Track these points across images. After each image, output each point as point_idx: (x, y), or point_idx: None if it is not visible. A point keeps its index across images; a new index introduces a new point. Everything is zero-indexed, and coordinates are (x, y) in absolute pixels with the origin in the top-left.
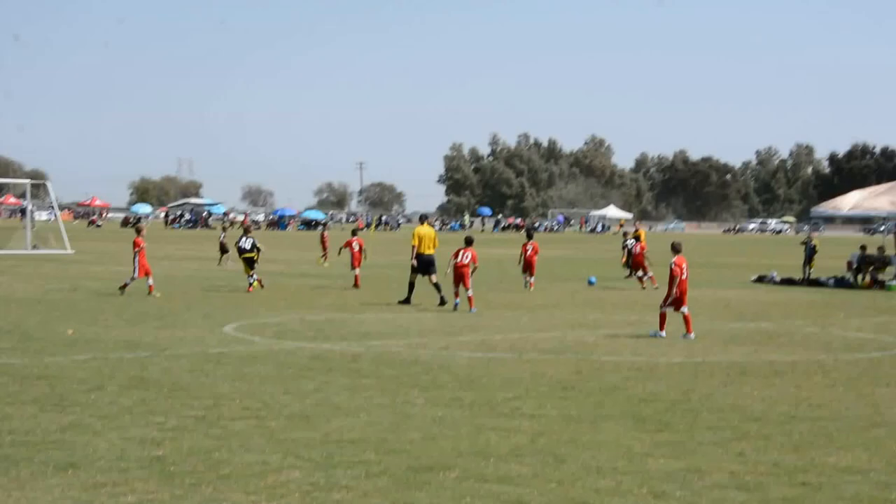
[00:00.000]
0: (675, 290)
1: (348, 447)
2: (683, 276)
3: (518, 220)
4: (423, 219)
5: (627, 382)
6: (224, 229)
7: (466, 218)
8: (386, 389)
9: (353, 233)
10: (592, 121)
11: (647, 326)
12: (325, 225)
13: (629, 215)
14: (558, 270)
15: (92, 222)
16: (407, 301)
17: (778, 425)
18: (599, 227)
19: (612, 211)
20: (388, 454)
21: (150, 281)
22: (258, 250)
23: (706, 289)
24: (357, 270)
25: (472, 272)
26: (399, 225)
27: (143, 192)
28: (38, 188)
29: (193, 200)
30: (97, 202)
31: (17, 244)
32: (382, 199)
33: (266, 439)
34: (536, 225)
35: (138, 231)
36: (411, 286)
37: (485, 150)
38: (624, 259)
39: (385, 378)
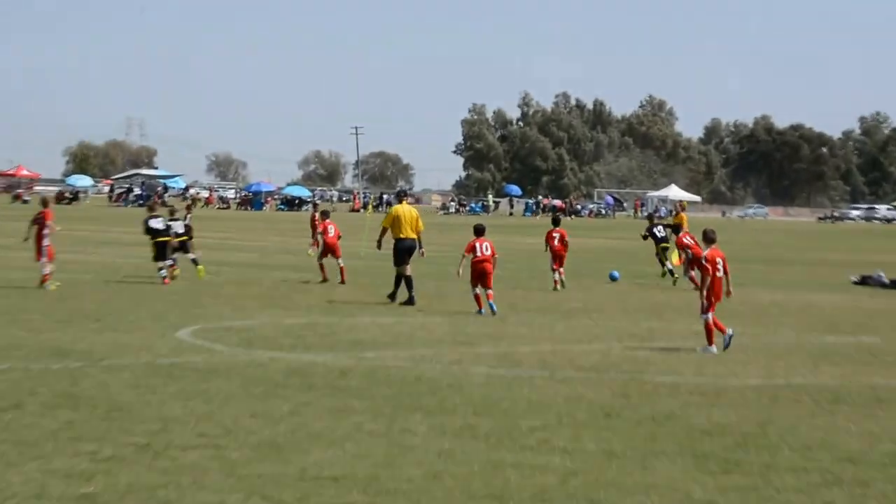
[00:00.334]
0: (710, 292)
1: (329, 486)
2: (718, 274)
3: (556, 202)
4: (401, 195)
5: (687, 410)
6: (188, 209)
7: (490, 198)
8: (380, 414)
9: (325, 215)
10: (650, 78)
11: (717, 339)
12: (315, 205)
13: (696, 198)
14: (604, 265)
15: (17, 197)
16: (410, 301)
17: (880, 468)
18: (661, 212)
19: (675, 191)
20: (379, 496)
21: (48, 269)
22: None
23: (793, 292)
24: (341, 261)
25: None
26: None
27: (82, 160)
28: None
29: (145, 171)
30: (24, 172)
31: None
32: (384, 174)
33: (226, 474)
34: (578, 208)
35: (45, 203)
36: (407, 282)
37: (513, 113)
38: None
39: (380, 399)
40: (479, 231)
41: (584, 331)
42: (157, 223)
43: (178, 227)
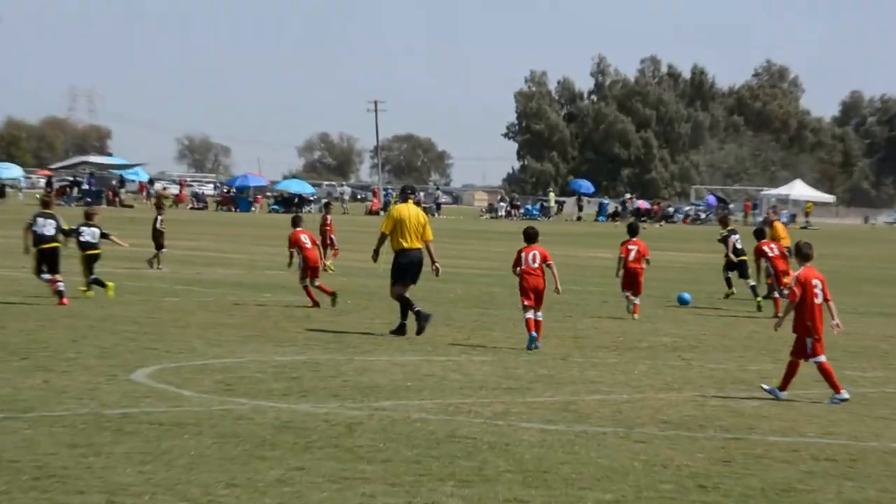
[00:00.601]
0: (811, 325)
1: None
2: (817, 301)
3: (641, 202)
4: (405, 193)
5: (811, 480)
6: (158, 207)
7: (552, 197)
8: (399, 483)
9: (296, 222)
10: (767, 38)
11: (846, 383)
12: (328, 205)
13: (828, 197)
14: (702, 287)
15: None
16: (400, 329)
17: None
18: (783, 217)
19: (799, 188)
20: None
21: None
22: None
23: None
24: (317, 280)
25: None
26: (439, 207)
27: (10, 143)
28: None
29: (95, 159)
30: None
31: None
32: (412, 164)
33: None
34: (671, 210)
35: None
36: (403, 304)
37: (584, 83)
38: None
39: (398, 463)
40: (529, 236)
41: (673, 374)
42: (43, 226)
43: (91, 234)
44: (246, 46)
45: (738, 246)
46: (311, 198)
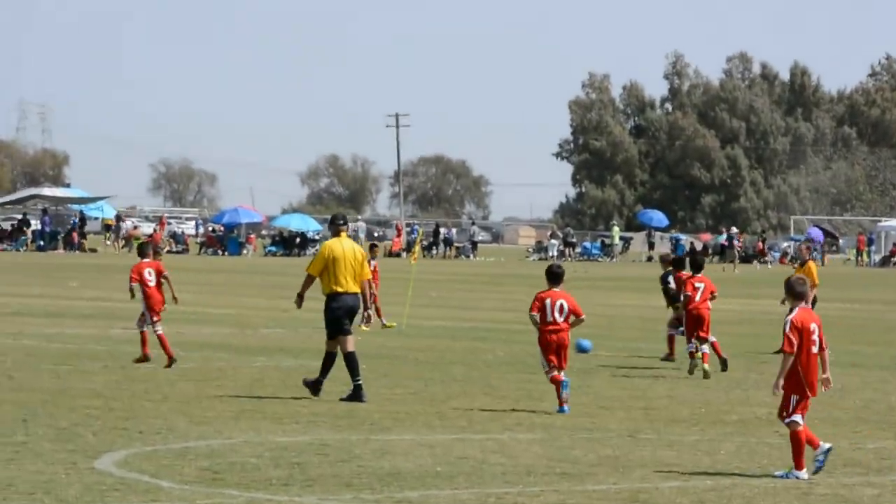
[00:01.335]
0: (798, 379)
1: None
2: (814, 350)
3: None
4: (337, 225)
5: None
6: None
7: (616, 233)
8: None
9: (143, 252)
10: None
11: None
12: (372, 248)
13: None
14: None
15: None
16: (356, 394)
17: None
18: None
19: None
20: None
21: None
22: None
23: None
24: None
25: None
26: (475, 246)
27: None
28: None
29: (50, 192)
30: None
31: None
32: (442, 192)
33: None
34: (766, 247)
35: None
36: (348, 362)
37: (656, 88)
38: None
39: None
40: (554, 277)
41: (769, 455)
42: None
43: None
44: (235, 50)
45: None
46: (317, 237)
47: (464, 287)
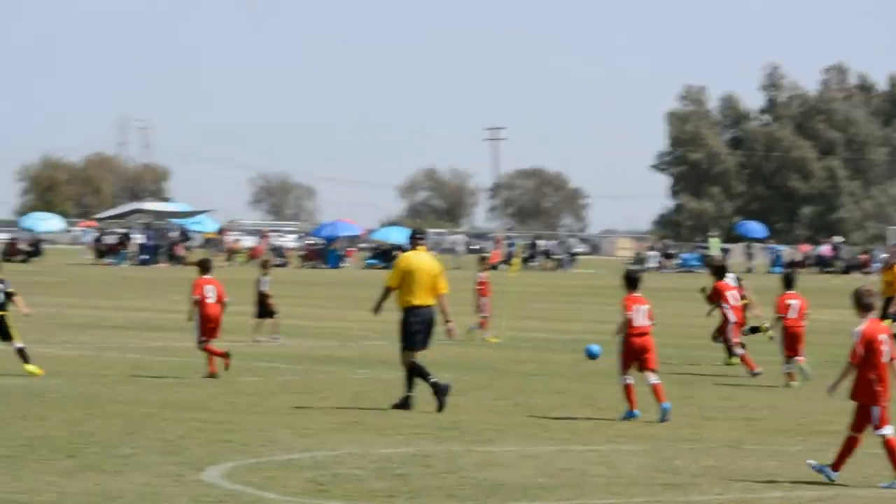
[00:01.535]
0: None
1: None
2: (883, 359)
3: (825, 248)
4: (415, 239)
5: None
6: (264, 267)
7: (714, 244)
8: None
9: (204, 268)
10: None
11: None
12: (481, 260)
13: None
14: None
15: None
16: (405, 404)
17: None
18: None
19: None
20: None
21: None
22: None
23: None
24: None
25: None
26: (573, 258)
27: (47, 188)
28: None
29: (151, 206)
30: None
31: None
32: (540, 205)
33: None
34: (865, 258)
35: None
36: (413, 372)
37: (753, 100)
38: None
39: None
40: (632, 282)
41: (875, 466)
42: None
43: None
44: (334, 65)
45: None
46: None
47: (563, 299)
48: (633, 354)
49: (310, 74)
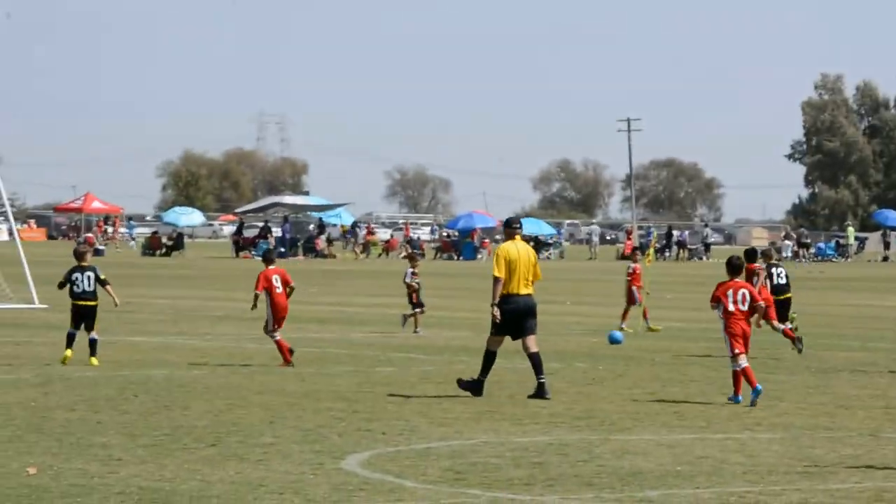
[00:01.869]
0: None
1: None
2: None
3: None
4: (510, 228)
5: None
6: (412, 260)
7: (850, 233)
8: None
9: (268, 259)
10: None
11: None
12: (634, 252)
13: None
14: None
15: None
16: (477, 387)
17: None
18: None
19: None
20: None
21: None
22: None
23: None
24: (278, 335)
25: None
26: (708, 247)
27: (188, 183)
28: None
29: (290, 200)
30: (95, 204)
31: None
32: (674, 195)
33: None
34: None
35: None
36: (535, 362)
37: (891, 88)
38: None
39: None
40: (734, 268)
41: None
42: (81, 279)
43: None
44: (467, 58)
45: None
46: (550, 240)
47: (697, 289)
48: (737, 336)
49: (445, 68)
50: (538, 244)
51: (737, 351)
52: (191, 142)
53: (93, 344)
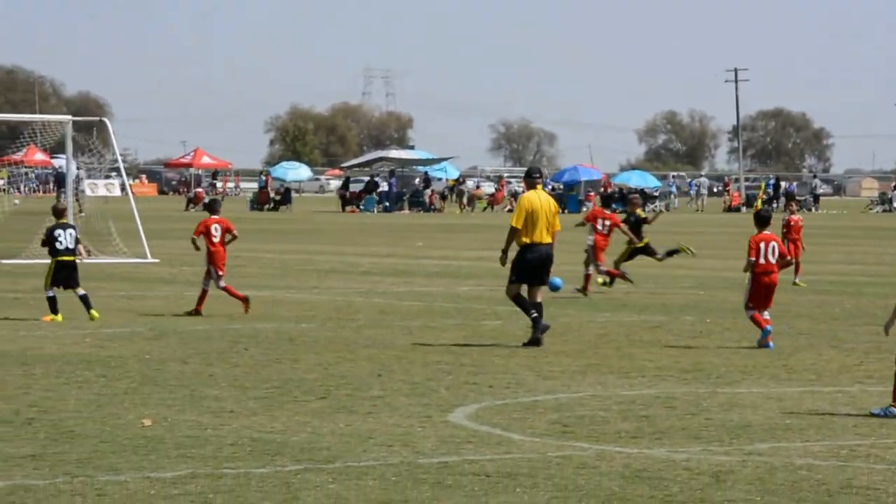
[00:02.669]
0: None
1: None
2: None
3: None
4: (530, 178)
5: None
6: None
7: None
8: None
9: (212, 208)
10: None
11: None
12: (788, 203)
13: None
14: None
15: (195, 200)
16: (536, 328)
17: None
18: None
19: None
20: None
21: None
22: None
23: None
24: (222, 283)
25: None
26: (816, 199)
27: (295, 138)
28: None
29: (395, 154)
30: (205, 160)
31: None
32: (782, 146)
33: None
34: None
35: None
36: (519, 301)
37: None
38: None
39: None
40: (762, 220)
41: None
42: (63, 236)
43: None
44: (569, 8)
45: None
46: (655, 193)
47: (806, 240)
48: (762, 292)
49: (548, 20)
50: (644, 197)
51: (751, 305)
52: (298, 96)
53: (85, 299)
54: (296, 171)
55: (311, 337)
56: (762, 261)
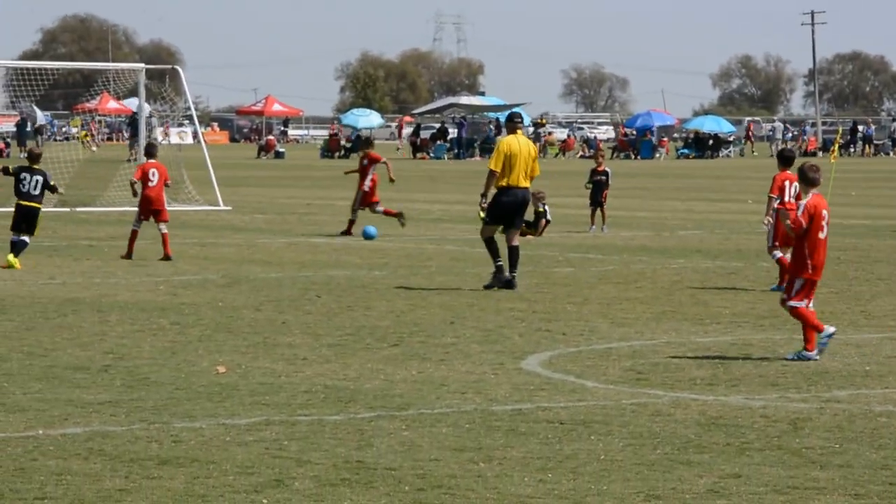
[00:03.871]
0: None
1: None
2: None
3: None
4: (511, 122)
5: None
6: (597, 159)
7: None
8: (864, 493)
9: (150, 152)
10: None
11: None
12: None
13: None
14: None
15: (267, 147)
16: (499, 275)
17: None
18: None
19: None
20: None
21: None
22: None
23: None
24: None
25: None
26: (895, 143)
27: (366, 85)
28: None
29: (466, 100)
30: (276, 107)
31: (120, 193)
32: (860, 90)
33: None
34: None
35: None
36: (490, 245)
37: None
38: None
39: (861, 469)
40: (785, 159)
41: None
42: (28, 182)
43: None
44: None
45: None
46: (730, 138)
47: (884, 185)
48: (786, 232)
49: None
50: (717, 142)
51: (776, 243)
52: (368, 43)
53: (21, 245)
54: (366, 119)
55: (383, 284)
56: (786, 198)
